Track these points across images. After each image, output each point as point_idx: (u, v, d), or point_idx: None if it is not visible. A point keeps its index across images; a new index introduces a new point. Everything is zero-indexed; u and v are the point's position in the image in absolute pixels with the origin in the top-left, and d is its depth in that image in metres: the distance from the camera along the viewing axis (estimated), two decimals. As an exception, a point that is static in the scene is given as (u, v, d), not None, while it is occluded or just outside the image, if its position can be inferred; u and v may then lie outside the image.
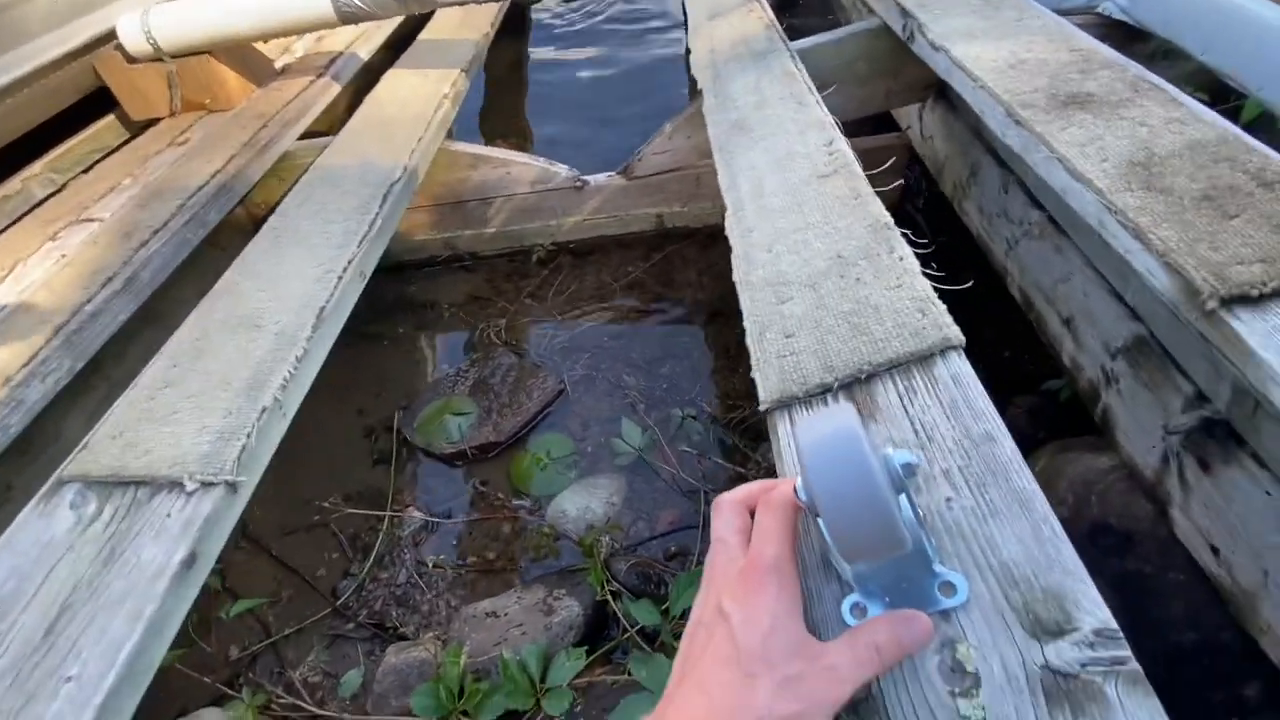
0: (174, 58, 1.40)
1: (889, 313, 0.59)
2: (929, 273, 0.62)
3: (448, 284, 1.66)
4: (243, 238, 1.03)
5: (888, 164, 0.85)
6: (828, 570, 0.44)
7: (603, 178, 1.55)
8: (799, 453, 0.36)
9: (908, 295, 0.60)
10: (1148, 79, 0.81)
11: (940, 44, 0.99)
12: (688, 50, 1.43)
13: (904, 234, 0.68)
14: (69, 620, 0.55)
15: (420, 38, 1.76)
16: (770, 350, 0.62)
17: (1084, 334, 0.94)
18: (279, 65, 1.63)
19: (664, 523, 1.13)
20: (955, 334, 0.55)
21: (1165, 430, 0.78)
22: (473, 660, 0.92)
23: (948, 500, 0.45)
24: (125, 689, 0.52)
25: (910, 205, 1.56)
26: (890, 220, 0.70)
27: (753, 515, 0.40)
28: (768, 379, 0.60)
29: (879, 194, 0.76)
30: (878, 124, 1.64)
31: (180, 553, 0.59)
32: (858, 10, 1.63)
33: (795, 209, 0.77)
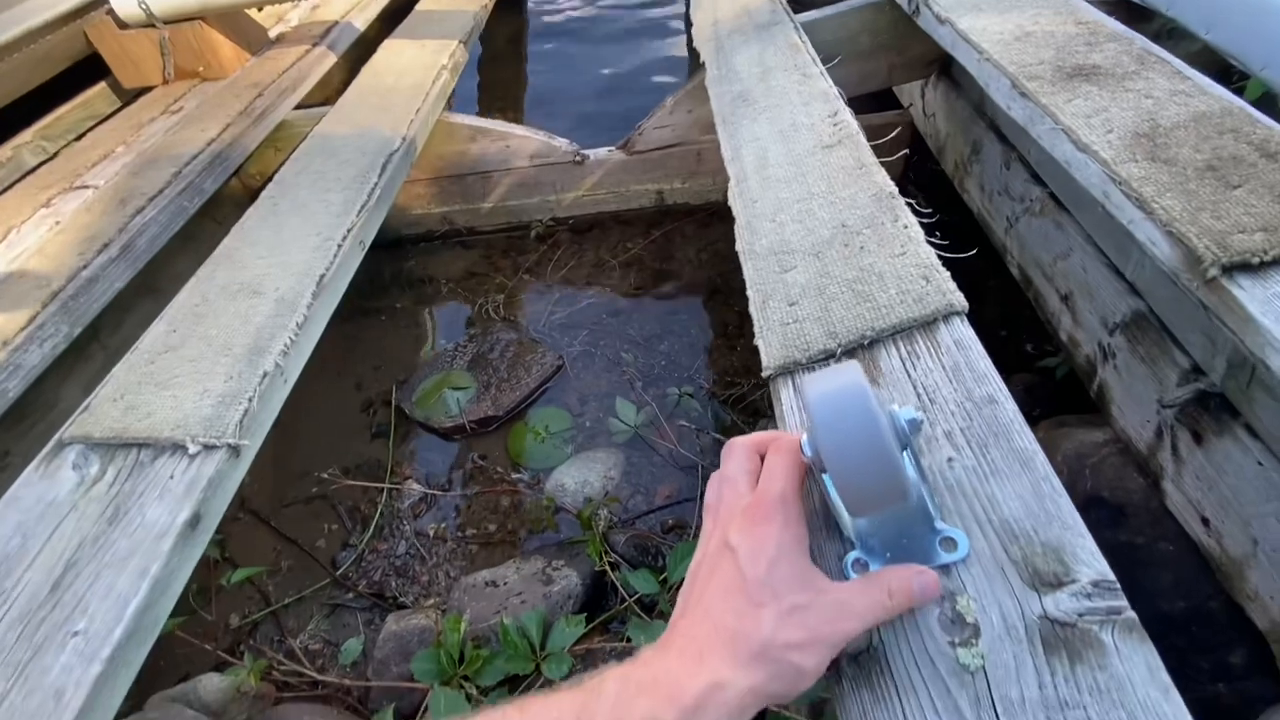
0: (166, 24, 1.37)
1: (893, 279, 0.59)
2: (933, 241, 0.62)
3: (446, 260, 1.65)
4: (239, 211, 1.02)
5: (892, 134, 0.84)
6: (830, 528, 0.45)
7: (603, 152, 1.54)
8: (807, 406, 0.36)
9: (912, 262, 0.60)
10: (1153, 52, 0.81)
11: (946, 16, 0.98)
12: (689, 23, 1.41)
13: (908, 203, 0.68)
14: (75, 576, 0.55)
15: (418, 8, 1.74)
16: (773, 318, 0.62)
17: (1082, 310, 0.95)
18: (273, 34, 1.61)
19: (662, 496, 1.14)
20: (959, 300, 0.55)
21: (1160, 404, 0.79)
22: (473, 628, 0.93)
23: (949, 460, 0.46)
24: (133, 643, 0.53)
25: (911, 184, 1.55)
26: (895, 190, 0.70)
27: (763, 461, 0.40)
28: (771, 346, 0.60)
29: (883, 164, 0.75)
30: (880, 102, 1.63)
31: (184, 513, 0.59)
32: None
33: (799, 179, 0.77)
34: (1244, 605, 0.70)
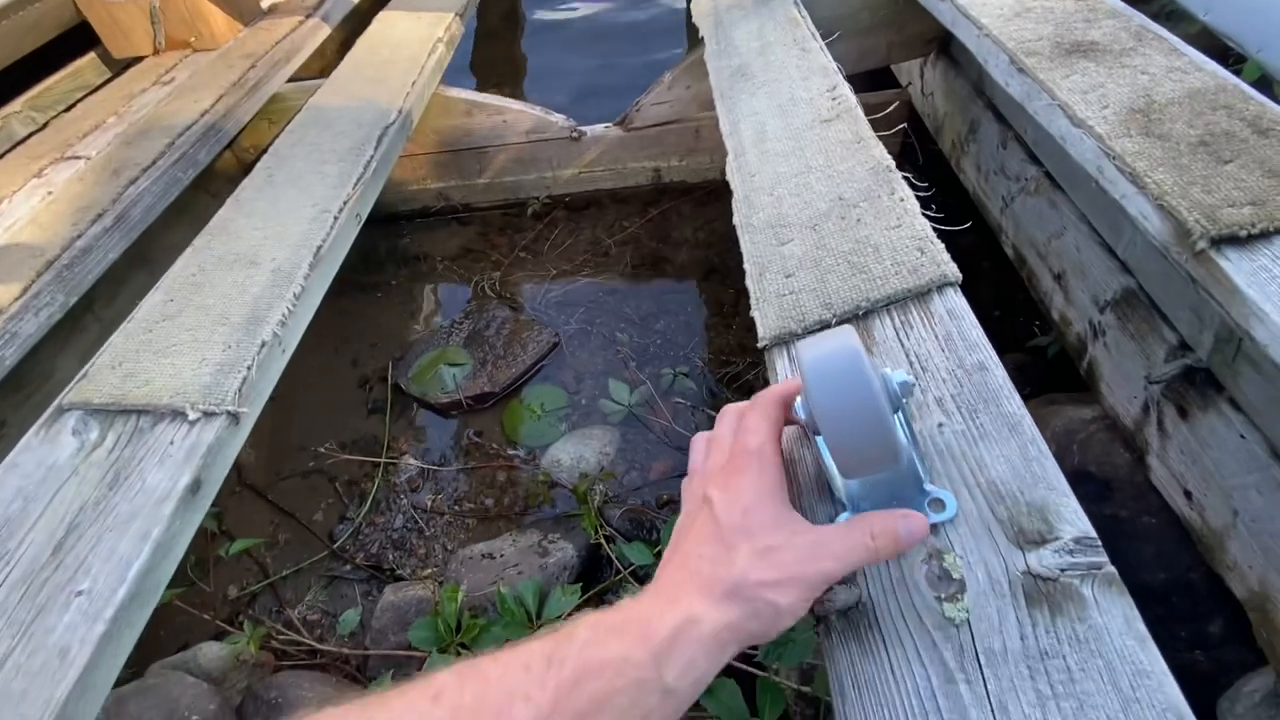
0: (157, -8, 1.35)
1: (888, 251, 0.60)
2: (928, 214, 0.63)
3: (441, 237, 1.65)
4: (233, 185, 1.01)
5: (889, 109, 0.84)
6: (822, 491, 0.46)
7: (600, 128, 1.53)
8: (801, 368, 0.37)
9: (907, 234, 0.61)
10: (1151, 29, 0.81)
11: (946, -8, 0.98)
12: (688, -2, 1.39)
13: (905, 177, 0.68)
14: (77, 539, 0.56)
15: (412, -20, 1.71)
16: (770, 289, 0.63)
17: (1074, 289, 0.96)
18: (266, 4, 1.58)
19: (656, 472, 1.16)
20: (952, 270, 0.56)
21: (1148, 380, 0.80)
22: (469, 598, 0.95)
23: (940, 425, 0.47)
24: (135, 604, 0.54)
25: (908, 164, 1.55)
26: (892, 163, 0.70)
27: None
28: (766, 317, 0.61)
29: (881, 139, 0.76)
30: (878, 81, 1.62)
31: (185, 478, 0.60)
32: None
33: (797, 153, 0.77)
34: (1224, 575, 0.72)
